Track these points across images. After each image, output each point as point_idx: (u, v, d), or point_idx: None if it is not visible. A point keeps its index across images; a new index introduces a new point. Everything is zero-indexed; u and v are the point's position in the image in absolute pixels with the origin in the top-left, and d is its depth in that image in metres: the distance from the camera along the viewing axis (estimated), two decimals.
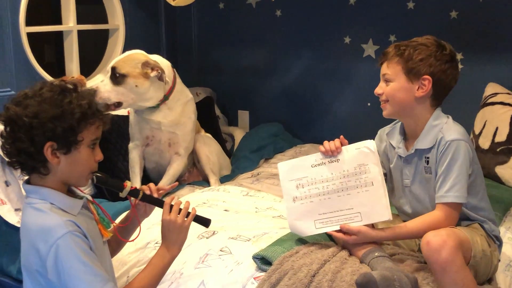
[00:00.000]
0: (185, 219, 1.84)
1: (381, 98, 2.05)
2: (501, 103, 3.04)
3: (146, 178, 3.12)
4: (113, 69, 2.80)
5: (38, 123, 1.58)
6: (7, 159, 1.67)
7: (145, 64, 2.81)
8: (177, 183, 2.01)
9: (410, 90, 1.98)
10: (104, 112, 1.71)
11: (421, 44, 1.99)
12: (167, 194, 2.51)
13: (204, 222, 1.93)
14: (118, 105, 2.81)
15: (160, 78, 2.84)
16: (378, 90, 2.05)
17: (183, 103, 3.02)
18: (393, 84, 2.00)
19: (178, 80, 3.04)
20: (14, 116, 1.60)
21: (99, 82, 2.85)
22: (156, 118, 2.95)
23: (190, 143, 3.09)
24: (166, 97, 2.93)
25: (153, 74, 2.81)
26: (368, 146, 2.00)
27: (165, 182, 2.98)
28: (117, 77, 2.79)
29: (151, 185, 1.90)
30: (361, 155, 2.00)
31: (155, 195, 1.88)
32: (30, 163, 1.63)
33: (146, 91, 2.83)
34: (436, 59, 1.96)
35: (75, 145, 1.63)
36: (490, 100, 3.09)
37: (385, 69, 2.03)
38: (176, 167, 3.04)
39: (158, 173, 3.13)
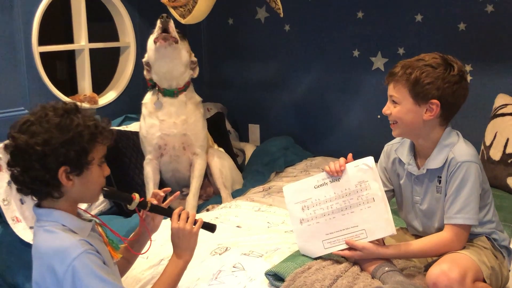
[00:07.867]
0: (193, 226, 1.88)
1: (389, 118, 2.02)
2: (511, 114, 3.05)
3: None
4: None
5: (50, 150, 1.59)
6: (18, 187, 1.66)
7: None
8: (178, 192, 2.04)
9: (417, 112, 1.94)
10: (108, 128, 1.72)
11: (428, 65, 1.92)
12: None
13: (210, 227, 1.98)
14: (176, 42, 2.96)
15: (194, 64, 3.13)
16: (385, 111, 2.01)
17: (195, 103, 3.13)
18: (400, 107, 1.96)
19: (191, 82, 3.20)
20: (23, 145, 1.59)
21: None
22: (170, 118, 3.02)
23: (204, 141, 3.16)
24: (185, 87, 3.07)
25: (193, 58, 3.12)
26: (366, 163, 2.00)
27: (195, 185, 3.07)
28: (178, 32, 2.99)
29: (157, 191, 1.97)
30: (361, 172, 2.00)
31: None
32: (45, 190, 1.64)
33: (187, 63, 3.05)
34: (444, 81, 1.90)
35: (87, 165, 1.65)
36: (500, 111, 3.10)
37: (392, 90, 1.98)
38: (199, 167, 3.11)
39: (175, 181, 3.17)
